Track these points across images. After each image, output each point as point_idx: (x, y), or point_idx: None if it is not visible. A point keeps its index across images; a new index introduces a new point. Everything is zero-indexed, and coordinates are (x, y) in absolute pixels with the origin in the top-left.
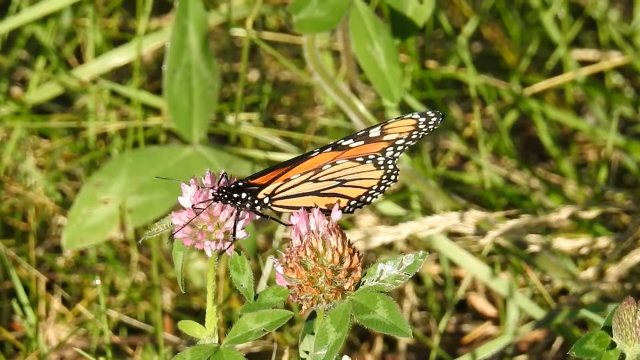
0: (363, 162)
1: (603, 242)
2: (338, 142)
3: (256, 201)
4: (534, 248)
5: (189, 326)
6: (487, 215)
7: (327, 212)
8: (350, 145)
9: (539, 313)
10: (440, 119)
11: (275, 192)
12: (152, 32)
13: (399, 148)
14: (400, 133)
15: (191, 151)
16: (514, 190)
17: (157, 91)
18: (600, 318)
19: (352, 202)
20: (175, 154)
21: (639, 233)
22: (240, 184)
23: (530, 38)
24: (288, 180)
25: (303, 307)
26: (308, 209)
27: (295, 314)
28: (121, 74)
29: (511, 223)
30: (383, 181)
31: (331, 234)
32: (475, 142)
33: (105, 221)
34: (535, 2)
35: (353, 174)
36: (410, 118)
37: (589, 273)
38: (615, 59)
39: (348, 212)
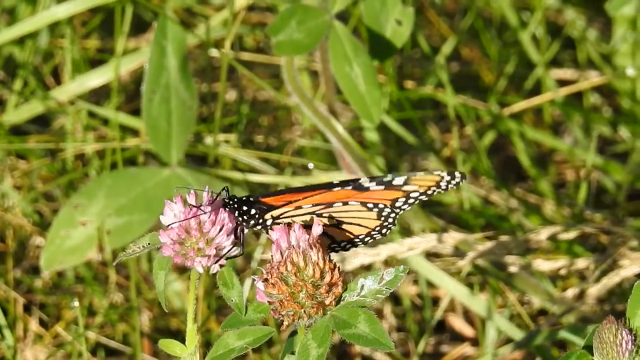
0: (370, 210)
1: (582, 263)
2: (362, 182)
3: (260, 220)
4: (512, 269)
5: (169, 345)
6: (465, 236)
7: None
8: (371, 188)
9: (517, 334)
10: (463, 180)
11: (281, 217)
12: (130, 53)
13: (410, 200)
14: (419, 186)
15: (170, 172)
16: (492, 210)
17: (135, 112)
18: (579, 339)
19: (333, 245)
20: (154, 175)
21: (618, 254)
22: (252, 199)
23: (508, 57)
24: (299, 208)
25: (284, 322)
26: (289, 225)
27: (275, 331)
28: (99, 95)
29: (490, 244)
30: (373, 232)
31: (312, 249)
32: (454, 162)
33: (83, 243)
34: (513, 22)
35: (354, 217)
36: (438, 175)
37: (568, 294)
38: (594, 78)
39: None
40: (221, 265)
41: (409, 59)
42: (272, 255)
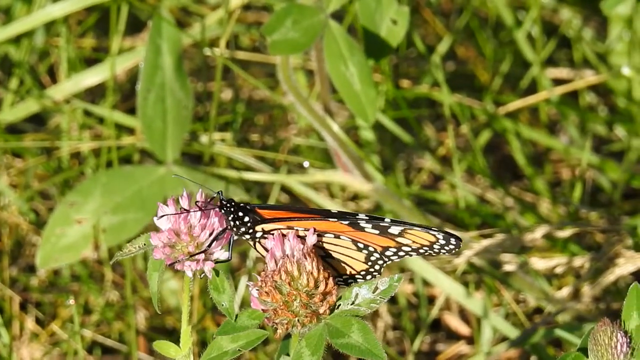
0: (360, 250)
1: (577, 261)
2: (358, 221)
3: (251, 230)
4: (508, 267)
5: (163, 346)
6: (461, 234)
7: None
8: (366, 230)
9: (513, 332)
10: (458, 248)
11: (271, 232)
12: (125, 52)
13: (401, 253)
14: (413, 242)
15: (165, 171)
16: (488, 209)
17: (131, 110)
18: (574, 338)
19: None
20: (150, 174)
21: (614, 252)
22: (248, 207)
23: (504, 57)
24: (290, 228)
25: (278, 331)
26: (283, 234)
27: (269, 333)
28: (95, 93)
29: (485, 242)
30: (357, 276)
31: (306, 258)
32: (449, 161)
33: (79, 241)
34: (508, 21)
35: (342, 254)
36: (434, 235)
37: (564, 292)
38: (589, 77)
39: None
40: (212, 269)
41: (404, 58)
42: (266, 264)
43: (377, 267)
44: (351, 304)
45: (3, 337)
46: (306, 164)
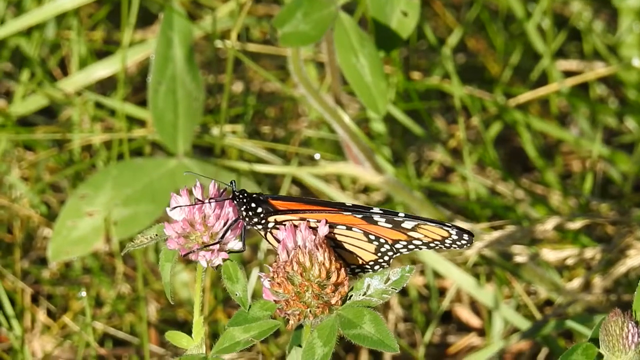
0: (370, 241)
1: (588, 253)
2: (371, 214)
3: (263, 221)
4: (519, 259)
5: (175, 337)
6: (472, 226)
7: None
8: (379, 224)
9: (524, 324)
10: (470, 243)
11: (283, 223)
12: (136, 44)
13: (411, 246)
14: (425, 236)
15: (176, 163)
16: (498, 201)
17: (142, 103)
18: (585, 329)
19: None
20: (160, 166)
21: (624, 244)
22: (261, 197)
23: (514, 49)
24: (303, 220)
25: (290, 322)
26: (295, 225)
27: (281, 324)
28: (106, 86)
29: (496, 234)
30: (366, 266)
31: (318, 249)
32: (460, 153)
33: (90, 233)
34: (519, 13)
35: (352, 245)
36: (447, 231)
37: (574, 284)
38: (600, 69)
39: None
40: (224, 260)
41: (415, 50)
42: (278, 255)
43: (386, 258)
44: (363, 295)
45: (15, 329)
46: (317, 156)
